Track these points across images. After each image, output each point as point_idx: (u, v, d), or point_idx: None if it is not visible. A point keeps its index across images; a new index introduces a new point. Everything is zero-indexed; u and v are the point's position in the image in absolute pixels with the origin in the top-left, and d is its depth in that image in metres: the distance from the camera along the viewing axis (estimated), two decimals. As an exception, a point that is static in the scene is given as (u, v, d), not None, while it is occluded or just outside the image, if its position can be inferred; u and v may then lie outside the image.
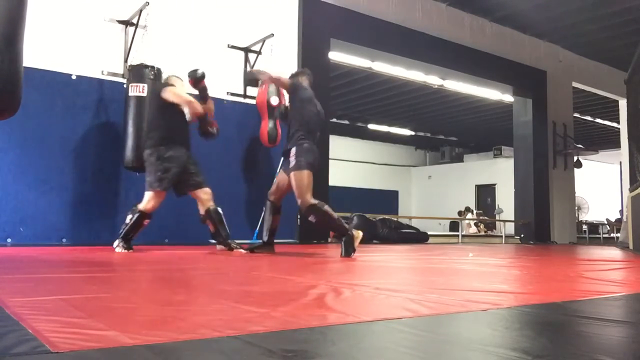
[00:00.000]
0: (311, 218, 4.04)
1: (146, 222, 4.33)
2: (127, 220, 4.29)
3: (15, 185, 4.96)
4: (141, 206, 4.30)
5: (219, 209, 4.53)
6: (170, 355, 1.00)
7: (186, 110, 4.33)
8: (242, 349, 1.04)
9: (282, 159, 4.47)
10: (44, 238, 5.00)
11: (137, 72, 5.22)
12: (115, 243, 4.29)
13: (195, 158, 4.59)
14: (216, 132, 4.63)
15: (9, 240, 4.86)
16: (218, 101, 6.18)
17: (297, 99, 4.26)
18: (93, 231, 5.24)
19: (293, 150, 4.10)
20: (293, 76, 4.47)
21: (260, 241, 4.50)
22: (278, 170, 4.65)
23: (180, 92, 4.39)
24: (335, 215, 4.07)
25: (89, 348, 1.00)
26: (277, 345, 1.07)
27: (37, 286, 1.99)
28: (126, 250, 4.22)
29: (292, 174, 4.06)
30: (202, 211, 4.53)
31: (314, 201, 4.03)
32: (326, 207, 4.06)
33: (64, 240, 5.12)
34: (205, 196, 4.49)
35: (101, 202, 5.38)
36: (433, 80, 10.80)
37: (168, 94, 4.32)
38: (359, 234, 4.04)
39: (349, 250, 3.97)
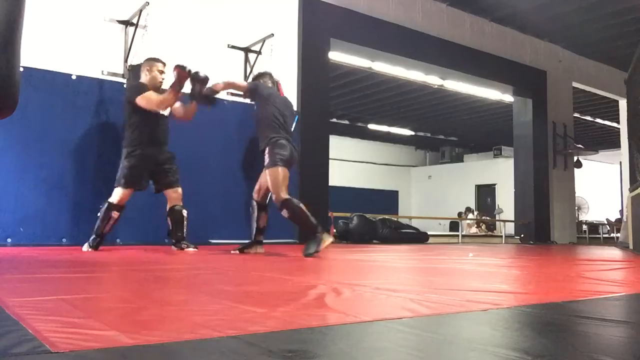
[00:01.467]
0: (284, 213, 4.12)
1: (115, 214, 4.40)
2: (98, 214, 4.41)
3: (15, 185, 4.95)
4: (110, 199, 4.44)
5: (184, 212, 4.63)
6: (170, 355, 1.00)
7: (166, 112, 4.56)
8: (242, 349, 1.04)
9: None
10: (44, 238, 5.00)
11: (137, 72, 5.21)
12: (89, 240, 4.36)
13: (173, 157, 4.67)
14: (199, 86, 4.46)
15: (9, 240, 4.85)
16: (218, 101, 6.18)
17: (258, 100, 4.40)
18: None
19: (267, 149, 4.23)
20: (255, 78, 4.69)
21: (249, 241, 4.52)
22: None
23: (150, 98, 4.44)
24: (308, 213, 4.13)
25: (89, 348, 1.00)
26: (277, 345, 1.07)
27: (37, 286, 1.99)
28: (92, 250, 4.28)
29: (266, 170, 4.20)
30: (168, 208, 4.64)
31: (287, 196, 4.13)
32: (300, 204, 4.15)
33: (64, 240, 5.11)
34: (174, 195, 4.62)
35: (101, 202, 5.35)
36: (433, 80, 10.80)
37: (141, 102, 4.45)
38: (328, 239, 4.10)
39: (310, 248, 3.99)
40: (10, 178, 4.94)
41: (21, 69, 2.28)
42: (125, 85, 5.17)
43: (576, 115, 12.78)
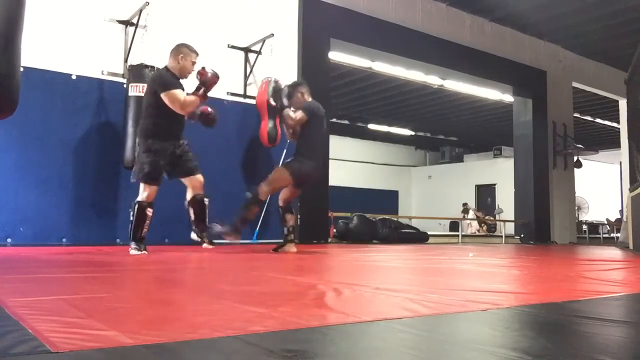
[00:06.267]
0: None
1: (149, 211, 4.22)
2: (131, 218, 4.23)
3: (15, 185, 4.95)
4: (138, 198, 4.26)
5: (206, 200, 4.55)
6: (170, 355, 1.00)
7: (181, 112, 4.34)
8: (242, 349, 1.04)
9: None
10: (44, 238, 5.00)
11: (137, 72, 5.22)
12: (131, 246, 4.15)
13: (188, 145, 4.52)
14: (211, 117, 4.65)
15: (9, 240, 4.85)
16: (218, 101, 6.18)
17: (310, 123, 4.54)
18: (93, 231, 5.24)
19: (295, 155, 4.56)
20: (294, 87, 4.71)
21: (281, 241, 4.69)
22: None
23: (177, 98, 4.25)
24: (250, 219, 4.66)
25: (89, 348, 1.00)
26: (277, 345, 1.07)
27: (37, 286, 1.99)
28: (140, 252, 4.05)
29: (279, 166, 4.57)
30: (189, 197, 4.52)
31: (262, 197, 4.47)
32: (256, 208, 4.56)
33: (64, 240, 5.12)
34: (196, 183, 4.50)
35: (101, 202, 5.38)
36: (433, 80, 10.80)
37: (166, 98, 4.24)
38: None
39: (212, 238, 4.61)
40: (10, 178, 4.94)
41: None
42: (151, 74, 4.85)
43: (576, 115, 12.78)
